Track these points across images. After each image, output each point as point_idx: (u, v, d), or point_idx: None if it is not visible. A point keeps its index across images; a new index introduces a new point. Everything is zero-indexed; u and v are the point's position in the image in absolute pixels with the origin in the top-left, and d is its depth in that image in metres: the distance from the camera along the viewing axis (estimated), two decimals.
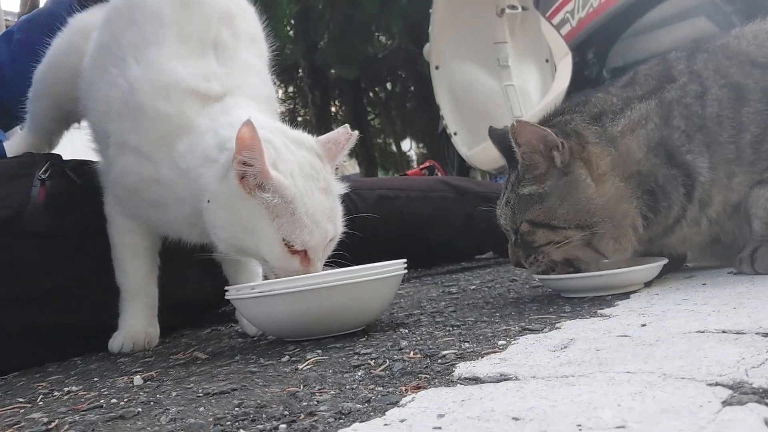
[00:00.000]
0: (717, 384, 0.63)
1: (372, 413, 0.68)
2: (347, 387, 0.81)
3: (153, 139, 1.19)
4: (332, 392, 0.79)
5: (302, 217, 1.08)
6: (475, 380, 0.75)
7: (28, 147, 1.61)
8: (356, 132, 1.23)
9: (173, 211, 1.22)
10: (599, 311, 1.11)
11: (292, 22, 6.56)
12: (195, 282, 1.54)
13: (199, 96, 1.18)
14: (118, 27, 1.27)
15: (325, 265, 1.17)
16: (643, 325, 0.93)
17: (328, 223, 1.13)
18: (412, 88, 7.46)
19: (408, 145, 7.96)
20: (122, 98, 1.22)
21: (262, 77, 1.32)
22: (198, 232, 1.24)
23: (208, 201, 1.11)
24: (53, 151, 1.66)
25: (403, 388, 0.77)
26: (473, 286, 1.70)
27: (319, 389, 0.82)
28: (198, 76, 1.19)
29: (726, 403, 0.57)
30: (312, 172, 1.14)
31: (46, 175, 1.41)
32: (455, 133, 4.26)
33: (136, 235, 1.34)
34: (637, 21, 3.53)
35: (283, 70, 7.01)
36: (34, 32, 1.72)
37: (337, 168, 1.24)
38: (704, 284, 1.25)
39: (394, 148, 7.73)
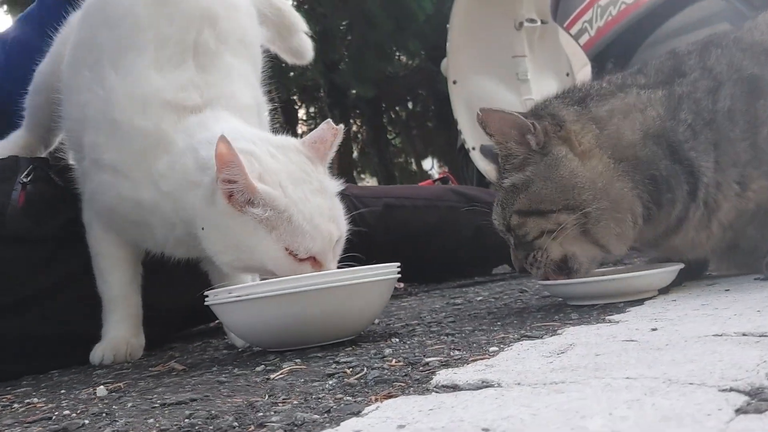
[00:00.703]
0: (731, 389, 0.52)
1: (327, 424, 0.59)
2: (313, 396, 0.72)
3: (129, 156, 1.13)
4: (294, 402, 0.70)
5: (301, 224, 1.02)
6: (453, 388, 0.66)
7: (23, 145, 1.55)
8: (341, 126, 1.16)
9: (158, 231, 1.16)
10: (607, 317, 1.00)
11: (312, 42, 6.58)
12: (182, 289, 1.46)
13: (176, 108, 1.12)
14: (93, 25, 1.22)
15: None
16: (654, 330, 0.82)
17: (330, 223, 1.07)
18: (433, 107, 7.40)
19: (429, 164, 7.89)
20: (98, 108, 1.16)
21: (248, 83, 1.25)
22: (184, 249, 1.19)
23: (202, 228, 1.06)
24: (48, 151, 1.60)
25: (373, 397, 0.68)
26: (480, 298, 1.59)
27: (283, 399, 0.73)
28: (176, 87, 1.13)
29: (740, 410, 0.47)
30: (302, 175, 1.08)
31: (29, 179, 1.36)
32: (473, 148, 4.17)
33: (116, 245, 1.28)
34: (658, 28, 3.42)
35: (303, 89, 7.02)
36: (27, 26, 1.70)
37: (330, 166, 1.16)
38: (727, 290, 1.14)
39: (414, 167, 7.66)
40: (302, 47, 1.66)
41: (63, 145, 1.46)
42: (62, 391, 1.04)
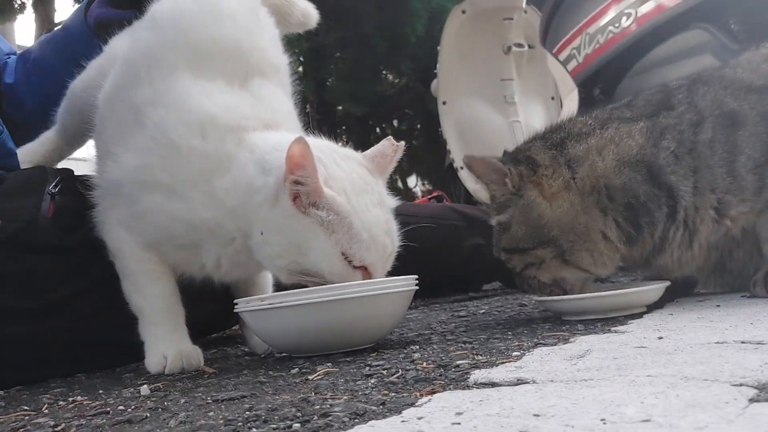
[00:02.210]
0: (742, 384, 0.61)
1: (388, 413, 0.67)
2: (360, 393, 0.79)
3: (188, 176, 1.14)
4: (345, 397, 0.78)
5: (359, 232, 1.06)
6: (492, 385, 0.74)
7: (52, 148, 1.60)
8: (402, 143, 1.21)
9: (212, 251, 1.16)
10: (613, 328, 1.09)
11: (302, 59, 6.65)
12: (196, 301, 1.52)
13: (236, 130, 1.15)
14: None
15: None
16: (660, 338, 0.91)
17: (386, 237, 1.11)
18: (419, 126, 7.51)
19: (414, 182, 7.99)
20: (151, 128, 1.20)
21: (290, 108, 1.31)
22: (236, 268, 1.20)
23: (261, 233, 1.09)
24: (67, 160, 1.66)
25: (418, 393, 0.75)
26: (483, 311, 1.68)
27: (332, 395, 0.80)
28: (235, 110, 1.17)
29: (753, 400, 0.56)
30: (365, 186, 1.12)
31: (56, 189, 1.41)
32: (462, 168, 4.28)
33: (155, 262, 1.25)
34: (643, 58, 3.55)
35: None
36: (49, 49, 1.75)
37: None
38: (718, 305, 1.24)
39: (400, 184, 7.74)
40: (307, 14, 1.68)
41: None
42: (100, 391, 1.09)
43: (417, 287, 1.22)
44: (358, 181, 1.11)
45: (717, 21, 2.75)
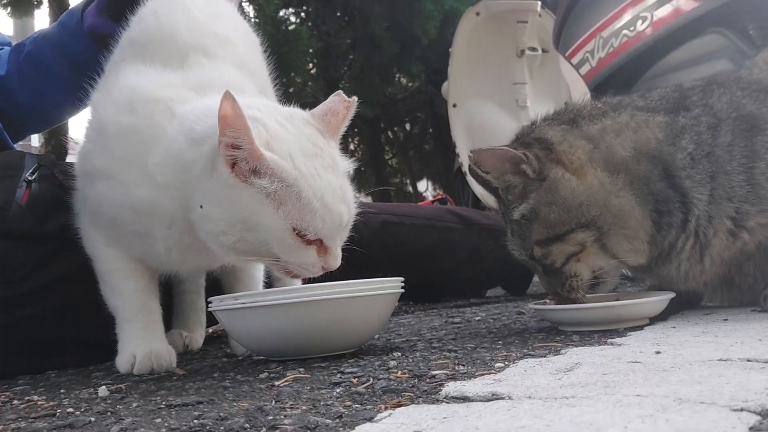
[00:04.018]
0: (743, 410, 0.53)
1: (341, 428, 0.60)
2: (321, 403, 0.72)
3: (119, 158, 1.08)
4: (303, 407, 0.71)
5: (311, 200, 0.94)
6: (463, 399, 0.67)
7: None
8: (355, 98, 1.08)
9: (159, 234, 1.09)
10: (609, 340, 1.01)
11: (313, 60, 6.61)
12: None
13: (165, 103, 1.08)
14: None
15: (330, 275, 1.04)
16: (658, 353, 0.83)
17: (341, 204, 0.98)
18: (431, 130, 7.44)
19: (424, 186, 7.91)
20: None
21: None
22: (192, 257, 1.12)
23: (201, 207, 0.98)
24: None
25: (383, 406, 0.68)
26: (478, 318, 1.60)
27: (291, 404, 0.73)
28: (162, 84, 1.11)
29: (754, 429, 0.48)
30: (314, 149, 0.99)
31: (33, 177, 1.36)
32: (468, 172, 4.20)
33: (125, 259, 1.18)
34: (658, 62, 3.46)
35: (303, 106, 7.03)
36: (45, 45, 1.69)
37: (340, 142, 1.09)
38: (726, 319, 1.15)
39: (410, 188, 7.67)
40: None
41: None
42: (62, 391, 1.03)
43: (403, 290, 1.15)
44: (305, 143, 0.99)
45: (734, 25, 2.66)
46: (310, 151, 0.98)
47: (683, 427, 0.49)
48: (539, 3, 4.30)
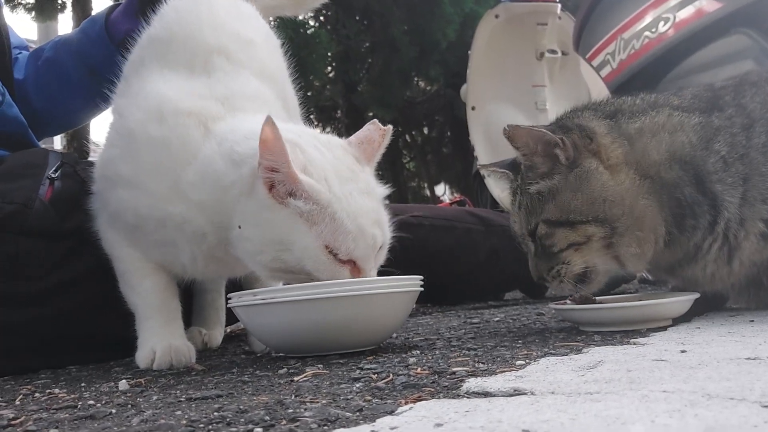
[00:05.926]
0: None
1: (361, 421, 0.59)
2: (341, 397, 0.72)
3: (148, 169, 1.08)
4: (323, 401, 0.70)
5: (344, 222, 0.97)
6: (485, 394, 0.66)
7: None
8: (390, 126, 1.12)
9: (186, 248, 1.09)
10: (632, 340, 1.00)
11: (333, 63, 6.62)
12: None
13: (198, 117, 1.08)
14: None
15: None
16: (683, 352, 0.82)
17: (375, 227, 1.01)
18: (449, 134, 7.42)
19: (442, 190, 7.90)
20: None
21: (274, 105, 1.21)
22: (214, 267, 1.14)
23: (239, 227, 1.00)
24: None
25: (403, 401, 0.67)
26: (497, 318, 1.59)
27: (311, 398, 0.73)
28: (194, 96, 1.11)
29: None
30: (350, 174, 1.03)
31: (56, 174, 1.37)
32: (489, 175, 4.18)
33: (144, 260, 1.18)
34: (680, 63, 3.42)
35: (321, 109, 7.05)
36: (64, 51, 1.71)
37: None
38: (752, 321, 1.13)
39: (428, 192, 7.66)
40: None
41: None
42: (83, 384, 1.04)
43: (422, 288, 1.14)
44: (342, 168, 1.02)
45: (759, 26, 2.62)
46: (346, 175, 1.01)
47: (713, 422, 0.48)
48: (559, 5, 4.28)
